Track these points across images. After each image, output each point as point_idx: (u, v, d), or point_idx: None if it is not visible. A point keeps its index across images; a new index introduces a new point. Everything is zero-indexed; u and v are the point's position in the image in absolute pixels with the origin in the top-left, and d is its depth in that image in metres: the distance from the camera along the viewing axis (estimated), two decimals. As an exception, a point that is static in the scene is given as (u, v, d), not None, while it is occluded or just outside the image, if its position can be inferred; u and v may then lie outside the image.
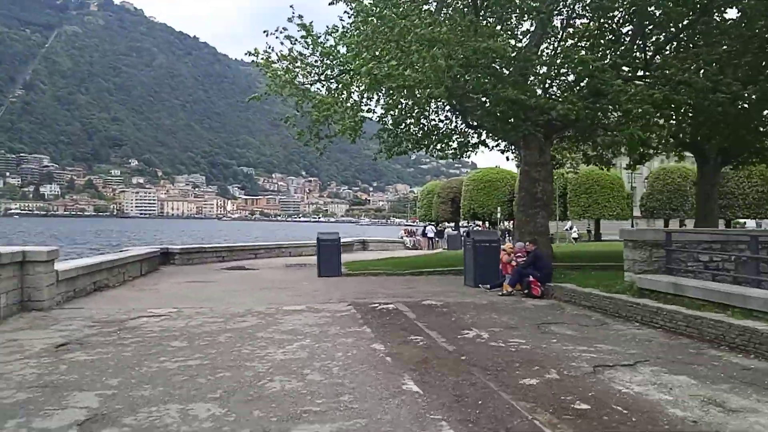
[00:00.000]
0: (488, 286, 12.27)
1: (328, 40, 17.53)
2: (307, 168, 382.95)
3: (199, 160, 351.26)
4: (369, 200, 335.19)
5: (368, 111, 18.37)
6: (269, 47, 17.40)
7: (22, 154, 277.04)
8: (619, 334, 7.78)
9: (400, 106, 17.35)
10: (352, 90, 17.82)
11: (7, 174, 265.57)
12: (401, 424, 4.27)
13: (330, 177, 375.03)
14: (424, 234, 36.73)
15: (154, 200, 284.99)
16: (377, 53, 13.57)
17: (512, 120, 14.97)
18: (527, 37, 16.58)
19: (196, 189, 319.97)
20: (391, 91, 14.31)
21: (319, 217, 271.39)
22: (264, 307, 9.76)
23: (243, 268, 18.15)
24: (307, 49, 17.65)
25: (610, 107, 14.15)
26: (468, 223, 55.88)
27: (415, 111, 17.60)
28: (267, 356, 6.39)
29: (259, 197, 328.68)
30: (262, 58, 17.25)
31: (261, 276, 15.88)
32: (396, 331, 7.87)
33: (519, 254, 12.47)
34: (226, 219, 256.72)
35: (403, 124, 18.30)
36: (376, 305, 10.03)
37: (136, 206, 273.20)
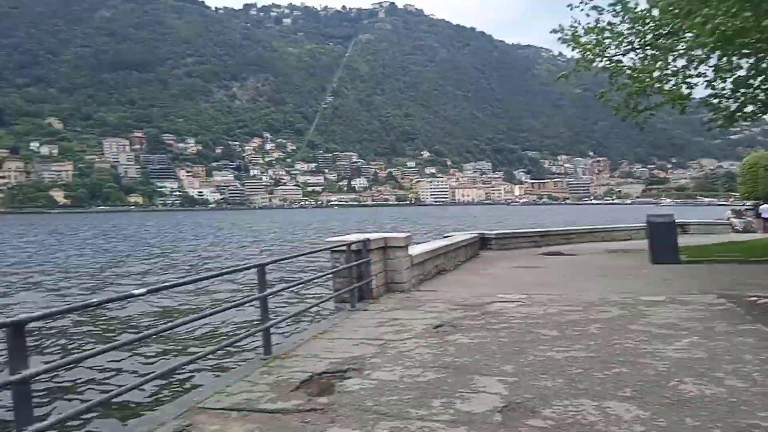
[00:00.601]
0: None
1: (638, 4, 15.99)
2: (595, 147, 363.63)
3: (483, 148, 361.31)
4: (668, 178, 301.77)
5: (697, 75, 16.28)
6: (575, 21, 16.60)
7: (336, 152, 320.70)
8: None
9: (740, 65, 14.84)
10: (671, 56, 15.92)
11: (326, 170, 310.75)
12: None
13: (620, 155, 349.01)
14: (758, 215, 31.12)
15: (446, 188, 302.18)
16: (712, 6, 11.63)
17: None
18: None
19: (483, 175, 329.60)
20: (744, 49, 12.08)
21: (612, 199, 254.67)
22: (617, 297, 9.05)
23: (561, 254, 17.58)
24: (617, 17, 16.33)
25: None
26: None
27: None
28: (657, 352, 5.74)
29: (546, 181, 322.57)
30: (568, 34, 16.51)
31: (587, 262, 15.12)
32: (808, 332, 6.46)
33: None
34: (514, 204, 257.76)
35: (744, 87, 15.60)
36: (755, 299, 8.51)
37: (431, 194, 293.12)
